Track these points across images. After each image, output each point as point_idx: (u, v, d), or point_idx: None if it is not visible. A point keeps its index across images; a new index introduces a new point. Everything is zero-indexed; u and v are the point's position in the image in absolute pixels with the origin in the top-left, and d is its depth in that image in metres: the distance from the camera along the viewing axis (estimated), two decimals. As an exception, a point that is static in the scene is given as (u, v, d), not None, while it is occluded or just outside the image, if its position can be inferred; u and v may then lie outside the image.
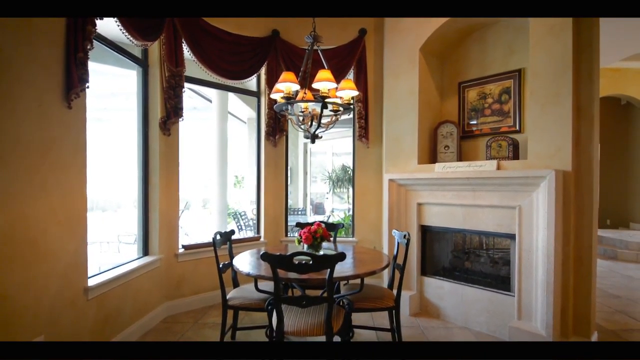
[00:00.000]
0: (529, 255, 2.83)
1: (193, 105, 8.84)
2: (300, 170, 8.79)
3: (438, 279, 3.46)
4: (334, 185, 7.16)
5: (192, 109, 9.25)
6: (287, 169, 4.30)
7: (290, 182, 9.13)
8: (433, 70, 3.82)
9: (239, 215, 6.39)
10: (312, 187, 9.01)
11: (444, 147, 3.69)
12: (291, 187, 8.95)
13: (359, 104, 4.10)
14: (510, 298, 2.97)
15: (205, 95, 7.12)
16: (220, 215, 6.20)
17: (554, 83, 2.73)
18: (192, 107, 9.17)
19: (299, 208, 7.46)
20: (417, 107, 3.60)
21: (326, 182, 7.31)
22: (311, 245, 2.58)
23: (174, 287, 3.46)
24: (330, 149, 8.26)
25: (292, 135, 9.08)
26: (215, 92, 6.39)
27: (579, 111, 2.72)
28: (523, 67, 3.29)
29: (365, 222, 4.19)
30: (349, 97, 2.65)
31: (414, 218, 3.56)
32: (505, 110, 3.43)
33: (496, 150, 3.26)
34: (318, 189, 8.85)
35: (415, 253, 3.54)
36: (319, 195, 8.94)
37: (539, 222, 2.75)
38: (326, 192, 7.96)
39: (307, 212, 8.43)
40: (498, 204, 3.00)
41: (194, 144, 10.86)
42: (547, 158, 2.76)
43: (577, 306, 2.76)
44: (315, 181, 8.74)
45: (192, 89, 7.12)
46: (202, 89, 6.84)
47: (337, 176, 7.23)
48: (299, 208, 7.58)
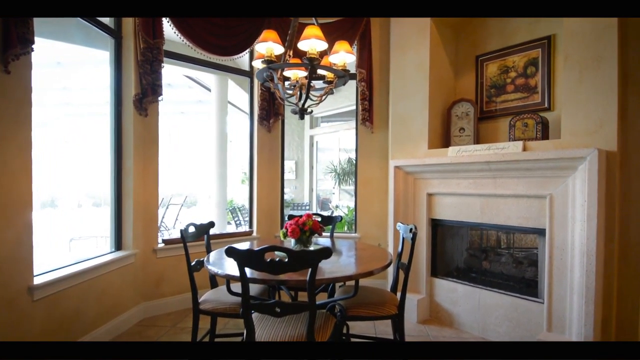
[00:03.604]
0: (563, 255, 2.35)
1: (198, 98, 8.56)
2: (306, 164, 8.39)
3: (451, 281, 2.99)
4: (339, 179, 6.72)
5: (198, 102, 8.97)
6: (283, 156, 3.90)
7: (295, 177, 8.76)
8: (446, 42, 3.34)
9: (237, 210, 6.03)
10: (319, 183, 8.62)
11: (458, 130, 3.22)
12: (297, 181, 8.55)
13: (362, 84, 3.65)
14: (538, 305, 2.49)
15: (204, 84, 6.78)
16: (219, 210, 5.85)
17: (594, 44, 2.24)
18: (197, 100, 8.90)
19: (303, 203, 7.07)
20: (427, 83, 3.14)
21: (331, 174, 6.88)
22: (299, 239, 2.16)
23: (153, 286, 3.10)
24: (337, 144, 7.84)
25: (298, 127, 8.71)
26: (214, 80, 6.03)
27: (625, 78, 2.22)
28: (553, 34, 2.80)
29: (369, 215, 3.75)
30: (344, 63, 2.22)
31: (423, 210, 3.11)
32: (532, 85, 2.94)
33: (521, 131, 2.77)
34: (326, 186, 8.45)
35: (424, 251, 3.09)
36: (327, 191, 8.53)
37: (576, 214, 2.26)
38: (332, 187, 7.53)
39: (312, 207, 8.02)
40: (524, 193, 2.52)
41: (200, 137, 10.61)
42: (585, 136, 2.27)
43: (620, 315, 2.27)
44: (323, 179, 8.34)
45: (191, 77, 6.81)
46: (200, 75, 6.52)
47: (342, 169, 6.79)
48: (304, 203, 7.18)
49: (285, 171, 3.87)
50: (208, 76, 6.14)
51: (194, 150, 10.61)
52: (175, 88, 8.45)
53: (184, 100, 9.03)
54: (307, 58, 2.02)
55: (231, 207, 6.03)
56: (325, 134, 8.03)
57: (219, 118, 6.08)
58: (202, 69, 3.82)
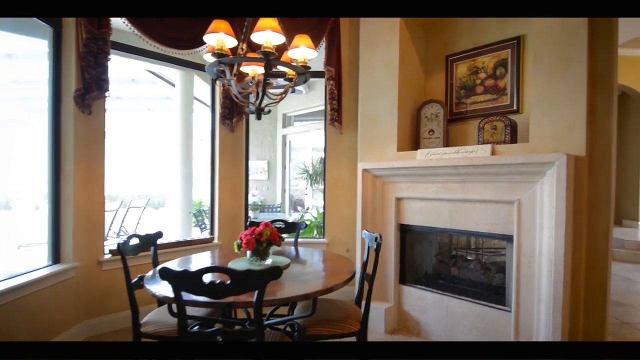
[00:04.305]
0: (530, 262, 2.28)
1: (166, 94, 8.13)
2: (278, 165, 8.16)
3: (419, 289, 2.88)
4: (311, 180, 6.55)
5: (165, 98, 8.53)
6: (247, 158, 3.68)
7: (267, 177, 8.51)
8: (416, 41, 3.23)
9: (203, 213, 5.73)
10: (292, 183, 8.41)
11: (428, 132, 3.11)
12: (269, 182, 8.31)
13: (330, 83, 3.49)
14: (506, 314, 2.41)
15: (169, 79, 6.41)
16: (183, 214, 5.53)
17: (563, 45, 2.17)
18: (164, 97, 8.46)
19: (274, 205, 6.85)
20: (396, 81, 3.01)
21: (303, 176, 6.71)
22: (255, 251, 1.98)
23: (97, 302, 2.81)
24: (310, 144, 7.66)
25: (270, 126, 8.46)
26: (178, 75, 5.71)
27: (594, 80, 2.16)
28: (523, 34, 2.73)
29: (338, 219, 3.60)
30: (305, 59, 2.04)
31: (391, 215, 2.98)
32: (501, 87, 2.87)
33: (490, 133, 2.70)
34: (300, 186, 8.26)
35: (392, 257, 2.97)
36: (300, 192, 8.34)
37: (544, 221, 2.19)
38: (305, 188, 7.34)
39: (285, 208, 7.81)
40: (492, 198, 2.44)
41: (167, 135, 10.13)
42: (554, 140, 2.20)
43: (588, 326, 2.23)
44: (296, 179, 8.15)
45: (153, 72, 6.42)
46: (164, 70, 6.16)
47: (315, 170, 6.62)
48: (275, 205, 6.96)
49: (256, 172, 3.67)
50: (173, 71, 5.81)
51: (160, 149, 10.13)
52: (140, 84, 8.00)
53: (150, 96, 8.58)
54: (261, 52, 1.83)
55: (198, 209, 5.72)
56: (299, 134, 7.84)
57: (184, 115, 5.76)
58: (158, 63, 3.52)
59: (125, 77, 7.65)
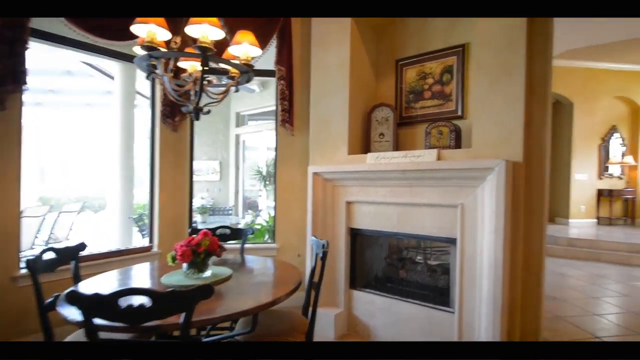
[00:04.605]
0: (472, 264, 2.34)
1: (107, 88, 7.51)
2: (231, 165, 7.87)
3: (369, 293, 2.87)
4: (265, 181, 6.39)
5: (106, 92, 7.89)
6: (192, 159, 3.45)
7: (220, 178, 8.18)
8: (368, 43, 3.22)
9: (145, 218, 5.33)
10: (246, 184, 8.16)
11: (378, 135, 3.12)
12: (221, 183, 7.99)
13: (281, 82, 3.38)
14: (450, 315, 2.46)
15: (106, 71, 5.92)
16: (122, 219, 5.11)
17: (504, 54, 2.24)
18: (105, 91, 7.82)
19: (225, 207, 6.58)
20: (347, 83, 2.98)
21: (256, 177, 6.52)
22: (192, 264, 1.82)
23: (12, 324, 2.46)
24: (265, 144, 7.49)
25: (223, 125, 8.14)
26: (117, 67, 5.25)
27: (531, 89, 2.26)
28: (467, 42, 2.81)
29: (289, 224, 3.50)
30: (248, 56, 1.92)
31: (342, 219, 2.94)
32: (447, 93, 2.94)
33: (436, 138, 2.75)
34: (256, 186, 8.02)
35: (343, 262, 2.93)
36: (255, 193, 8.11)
37: (485, 224, 2.26)
38: (259, 190, 7.16)
39: (238, 211, 7.55)
40: (438, 202, 2.48)
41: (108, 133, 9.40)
42: (495, 146, 2.27)
43: (525, 323, 2.33)
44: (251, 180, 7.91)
45: (90, 64, 5.90)
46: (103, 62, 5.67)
47: (268, 171, 6.46)
48: (228, 207, 6.70)
49: (207, 173, 3.44)
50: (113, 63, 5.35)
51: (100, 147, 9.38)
52: (77, 76, 7.33)
53: (88, 90, 7.89)
54: (198, 47, 1.68)
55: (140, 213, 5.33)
56: (253, 133, 7.62)
57: (125, 111, 5.31)
58: (91, 54, 3.19)
59: (60, 69, 6.97)
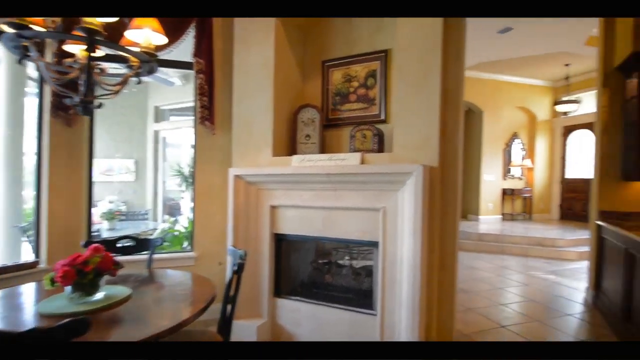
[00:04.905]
0: (393, 267, 2.38)
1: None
2: (149, 164, 7.18)
3: (294, 300, 2.77)
4: (187, 182, 5.93)
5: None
6: (92, 158, 3.00)
7: (135, 179, 7.41)
8: (294, 43, 3.12)
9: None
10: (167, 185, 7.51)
11: (304, 137, 3.03)
12: (137, 184, 7.25)
13: (200, 76, 3.10)
14: (373, 318, 2.48)
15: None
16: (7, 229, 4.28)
17: (423, 60, 2.32)
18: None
19: (139, 212, 5.96)
20: (272, 83, 2.84)
21: (178, 177, 6.02)
22: (77, 286, 1.53)
23: None
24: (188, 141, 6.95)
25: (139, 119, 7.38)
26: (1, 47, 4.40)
27: (446, 95, 2.37)
28: (389, 48, 2.87)
29: (209, 230, 3.24)
30: (149, 44, 1.67)
31: (266, 224, 2.80)
32: (371, 97, 2.97)
33: (360, 142, 2.75)
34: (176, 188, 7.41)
35: (266, 269, 2.79)
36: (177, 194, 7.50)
37: (405, 227, 2.31)
38: (181, 191, 6.63)
39: (157, 215, 6.91)
40: (361, 206, 2.47)
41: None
42: (414, 150, 2.34)
43: (441, 321, 2.44)
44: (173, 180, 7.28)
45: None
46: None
47: (190, 171, 6.00)
48: (143, 211, 6.07)
49: (120, 172, 2.99)
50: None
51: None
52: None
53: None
54: (82, 28, 1.40)
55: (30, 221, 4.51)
56: (174, 130, 7.04)
57: (12, 100, 4.46)
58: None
59: None
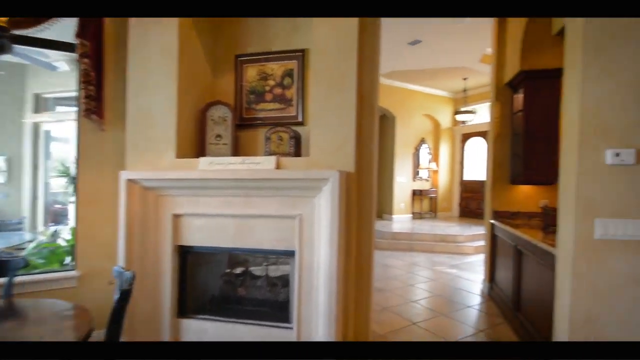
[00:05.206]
0: (310, 276, 2.27)
1: None
2: (26, 162, 5.97)
3: (201, 319, 2.48)
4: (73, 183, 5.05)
5: None
6: None
7: (7, 180, 6.10)
8: (202, 32, 2.81)
9: None
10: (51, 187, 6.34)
11: (215, 137, 2.76)
12: (9, 186, 5.97)
13: (84, 60, 2.59)
14: (289, 332, 2.34)
15: None
16: None
17: (340, 63, 2.26)
18: None
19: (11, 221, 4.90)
20: (175, 73, 2.50)
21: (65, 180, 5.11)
22: None
23: None
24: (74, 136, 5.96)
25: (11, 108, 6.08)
26: None
27: (361, 99, 2.34)
28: (307, 48, 2.76)
29: (97, 244, 2.74)
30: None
31: (167, 236, 2.45)
32: (288, 97, 2.83)
33: (276, 144, 2.59)
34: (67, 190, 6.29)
35: (168, 287, 2.44)
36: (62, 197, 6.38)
37: (321, 234, 2.21)
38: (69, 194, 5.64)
39: (35, 223, 5.77)
40: (276, 214, 2.31)
41: None
42: (330, 155, 2.26)
43: (358, 325, 2.41)
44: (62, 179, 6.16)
45: None
46: None
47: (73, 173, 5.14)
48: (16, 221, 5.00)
49: None
50: None
51: None
52: None
53: None
54: None
55: None
56: (60, 122, 5.98)
57: None
58: None
59: None
